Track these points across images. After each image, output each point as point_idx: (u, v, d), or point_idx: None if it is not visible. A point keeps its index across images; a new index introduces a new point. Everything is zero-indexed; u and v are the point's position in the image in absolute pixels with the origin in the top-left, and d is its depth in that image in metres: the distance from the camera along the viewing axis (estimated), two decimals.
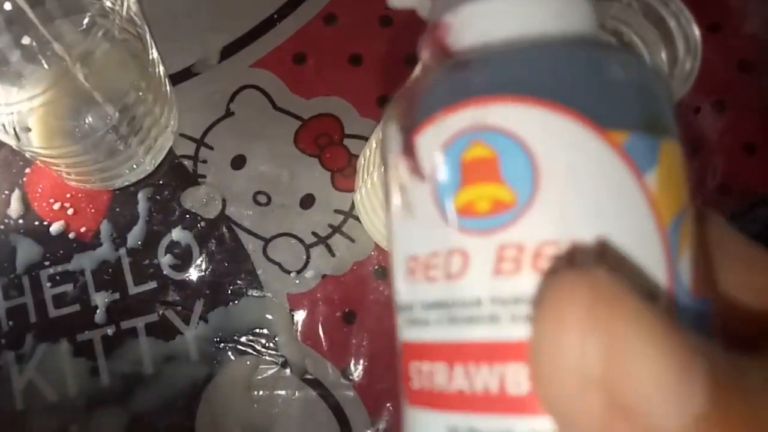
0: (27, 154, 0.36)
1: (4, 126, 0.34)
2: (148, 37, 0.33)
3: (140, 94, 0.33)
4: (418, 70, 0.16)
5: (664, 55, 0.19)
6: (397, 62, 0.44)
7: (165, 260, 0.41)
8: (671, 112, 0.14)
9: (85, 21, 0.36)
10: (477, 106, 0.13)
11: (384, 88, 0.44)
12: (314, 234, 0.42)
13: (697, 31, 0.18)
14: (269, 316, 0.41)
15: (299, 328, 0.41)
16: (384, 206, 0.34)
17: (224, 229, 0.42)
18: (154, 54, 0.34)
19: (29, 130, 0.31)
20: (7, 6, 0.31)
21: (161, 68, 0.37)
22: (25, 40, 0.36)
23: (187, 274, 0.41)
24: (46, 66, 0.36)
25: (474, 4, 0.15)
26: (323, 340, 0.41)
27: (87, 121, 0.34)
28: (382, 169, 0.32)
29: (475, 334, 0.13)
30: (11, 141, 0.33)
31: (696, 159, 0.44)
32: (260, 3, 0.45)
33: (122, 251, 0.41)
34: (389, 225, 0.16)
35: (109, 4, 0.34)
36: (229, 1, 0.45)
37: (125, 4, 0.28)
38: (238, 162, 0.43)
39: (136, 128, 0.36)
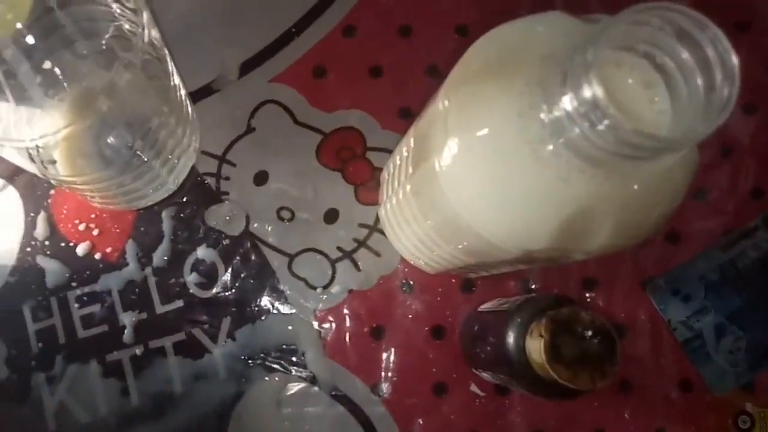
0: (51, 181, 0.36)
1: (30, 154, 0.34)
2: (169, 61, 0.33)
3: (162, 119, 0.33)
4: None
5: (699, 81, 0.19)
6: (418, 72, 0.44)
7: (191, 279, 0.41)
8: None
9: (103, 43, 0.36)
10: None
11: (405, 99, 0.43)
12: (339, 249, 0.42)
13: (735, 60, 0.18)
14: (296, 333, 0.41)
15: (327, 344, 0.40)
16: (411, 221, 0.34)
17: (249, 246, 0.42)
18: (176, 79, 0.34)
19: (53, 162, 0.31)
20: (29, 39, 0.31)
21: (182, 91, 0.36)
22: (47, 65, 0.36)
23: (213, 292, 0.41)
24: (67, 89, 0.36)
25: None
26: (351, 355, 0.40)
27: (110, 146, 0.34)
28: (408, 187, 0.31)
29: None
30: (36, 169, 0.33)
31: (727, 163, 0.43)
32: (278, 17, 0.45)
33: (148, 270, 0.41)
34: None
35: (128, 26, 0.34)
36: (247, 17, 0.45)
37: (146, 31, 0.28)
38: (261, 178, 0.43)
39: (159, 150, 0.36)
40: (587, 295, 0.41)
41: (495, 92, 0.23)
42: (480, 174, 0.23)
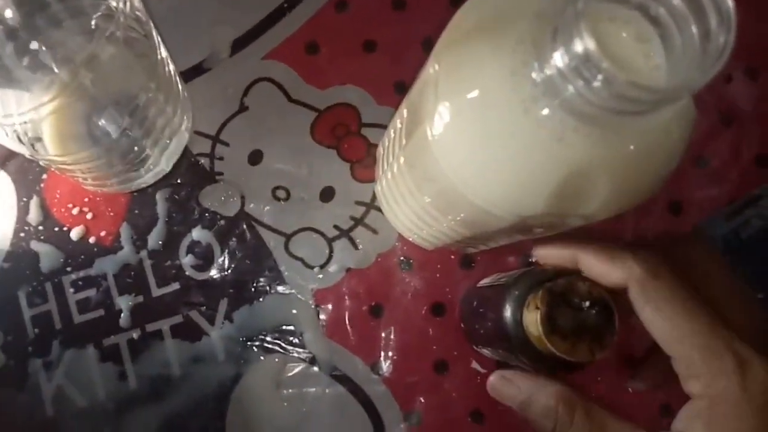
0: (41, 162, 0.36)
1: (18, 135, 0.33)
2: (155, 35, 0.32)
3: (150, 95, 0.32)
4: None
5: (694, 29, 0.18)
6: (412, 46, 0.43)
7: (186, 261, 0.41)
8: None
9: (93, 23, 0.35)
10: None
11: (400, 74, 0.42)
12: (336, 227, 0.41)
13: (730, 3, 0.17)
14: (295, 313, 0.40)
15: (326, 324, 0.40)
16: (407, 195, 0.33)
17: (245, 227, 0.41)
18: (163, 53, 0.33)
19: (39, 139, 0.31)
20: (10, 14, 0.30)
21: (171, 67, 0.36)
22: (34, 45, 0.35)
23: (209, 274, 0.41)
24: (56, 70, 0.35)
25: None
26: (351, 334, 0.40)
27: (100, 125, 0.34)
28: (402, 160, 0.31)
29: None
30: (25, 150, 0.32)
31: (729, 130, 0.42)
32: None
33: (143, 253, 0.41)
34: None
35: (114, 3, 0.33)
36: None
37: (128, 3, 0.27)
38: (255, 157, 0.42)
39: (149, 129, 0.35)
40: None
41: (486, 52, 0.22)
42: (472, 137, 0.22)
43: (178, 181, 0.42)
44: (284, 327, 0.40)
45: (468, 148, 0.23)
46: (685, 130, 0.22)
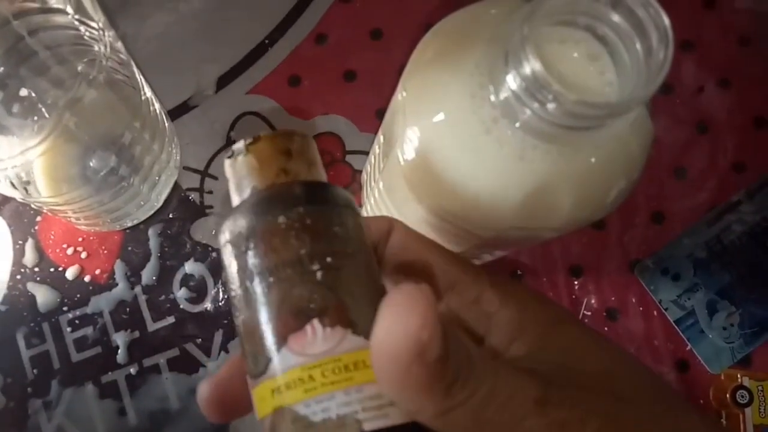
0: (34, 205, 0.37)
1: (10, 180, 0.34)
2: (138, 76, 0.33)
3: (136, 134, 0.33)
4: None
5: (639, 46, 0.19)
6: (391, 74, 0.44)
7: (180, 294, 0.41)
8: None
9: (79, 68, 0.36)
10: None
11: (381, 101, 0.44)
12: None
13: (666, 20, 0.18)
14: None
15: None
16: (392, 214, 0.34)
17: None
18: (147, 93, 0.35)
19: (31, 183, 0.32)
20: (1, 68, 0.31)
21: (156, 105, 0.37)
22: (23, 92, 0.37)
23: (204, 306, 0.41)
24: (46, 116, 0.36)
25: None
26: None
27: (89, 166, 0.35)
28: (381, 185, 0.31)
29: None
30: (18, 194, 0.33)
31: (705, 139, 0.43)
32: (251, 30, 0.45)
33: (138, 289, 0.42)
34: None
35: (97, 48, 0.34)
36: (220, 31, 0.46)
37: (107, 48, 0.28)
38: None
39: (137, 167, 0.36)
40: (575, 281, 0.41)
41: (448, 76, 0.23)
42: (439, 159, 0.23)
43: (170, 216, 0.43)
44: None
45: (436, 169, 0.23)
46: (643, 139, 0.23)
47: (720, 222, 0.41)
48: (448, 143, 0.23)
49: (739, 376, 0.39)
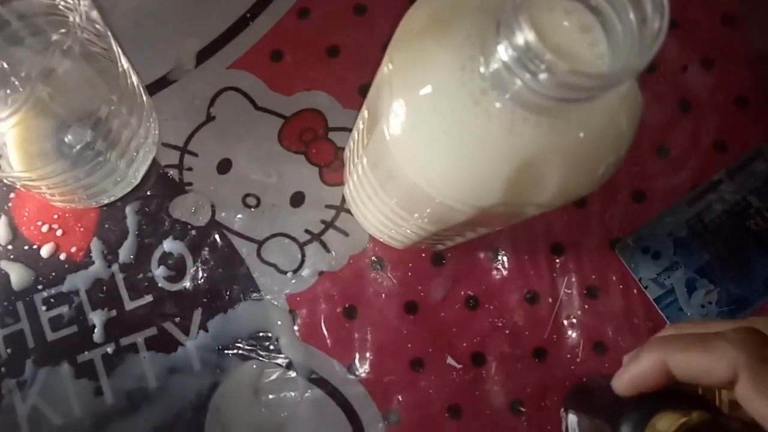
0: (6, 181, 0.36)
1: None
2: (115, 48, 0.32)
3: (113, 107, 0.32)
4: None
5: (632, 16, 0.19)
6: (375, 50, 0.43)
7: (159, 272, 0.41)
8: None
9: (53, 39, 0.35)
10: None
11: (364, 77, 0.43)
12: (307, 231, 0.41)
13: None
14: (269, 319, 0.40)
15: (301, 328, 0.40)
16: (373, 196, 0.34)
17: (216, 236, 0.41)
18: (124, 65, 0.34)
19: (0, 156, 0.31)
20: None
21: (134, 78, 0.36)
22: None
23: (182, 285, 0.41)
24: (20, 88, 0.35)
25: None
26: (326, 337, 0.40)
27: (64, 140, 0.34)
28: (365, 160, 0.31)
29: None
30: None
31: (687, 118, 0.43)
32: (231, 3, 0.44)
33: (115, 267, 0.41)
34: None
35: (71, 19, 0.33)
36: (200, 4, 0.44)
37: (82, 16, 0.27)
38: (224, 166, 0.42)
39: (114, 142, 0.35)
40: (556, 259, 0.41)
41: (436, 48, 0.22)
42: (426, 133, 0.23)
43: (148, 193, 0.42)
44: (260, 333, 0.40)
45: (423, 143, 0.23)
46: (632, 114, 0.23)
47: (701, 201, 0.42)
48: (437, 116, 0.22)
49: None
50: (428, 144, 0.23)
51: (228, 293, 0.41)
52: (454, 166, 0.23)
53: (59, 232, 0.41)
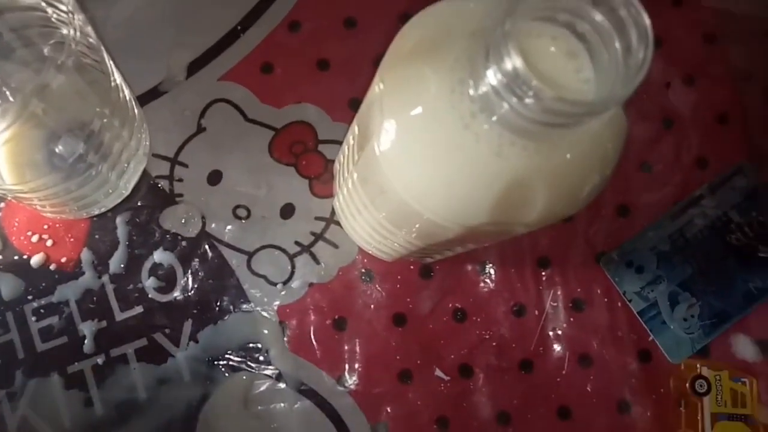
0: None
1: None
2: (107, 61, 0.33)
3: (105, 120, 0.32)
4: None
5: (618, 45, 0.19)
6: (365, 63, 0.44)
7: (149, 283, 0.41)
8: None
9: (45, 51, 0.35)
10: None
11: (354, 91, 0.44)
12: (297, 243, 0.42)
13: (647, 20, 0.18)
14: (259, 330, 0.41)
15: (291, 340, 0.40)
16: (362, 210, 0.34)
17: (206, 247, 0.42)
18: (117, 79, 0.34)
19: None
20: None
21: (126, 92, 0.36)
22: None
23: (172, 296, 0.41)
24: (10, 99, 0.35)
25: None
26: (316, 349, 0.40)
27: (56, 152, 0.34)
28: (356, 176, 0.32)
29: None
30: None
31: (670, 135, 0.44)
32: (223, 16, 0.45)
33: (105, 278, 0.41)
34: None
35: (65, 32, 0.33)
36: (192, 17, 0.45)
37: (77, 32, 0.28)
38: (215, 177, 0.42)
39: (106, 154, 0.35)
40: (542, 272, 0.42)
41: (427, 70, 0.23)
42: (416, 153, 0.23)
43: (138, 204, 0.42)
44: (249, 345, 0.40)
45: (413, 163, 0.24)
46: (617, 138, 0.23)
47: (683, 216, 0.43)
48: (427, 137, 0.23)
49: (698, 366, 0.41)
50: (418, 164, 0.23)
51: (218, 304, 0.41)
52: (443, 186, 0.23)
53: (49, 243, 0.41)
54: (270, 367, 0.40)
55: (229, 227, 0.42)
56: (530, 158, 0.22)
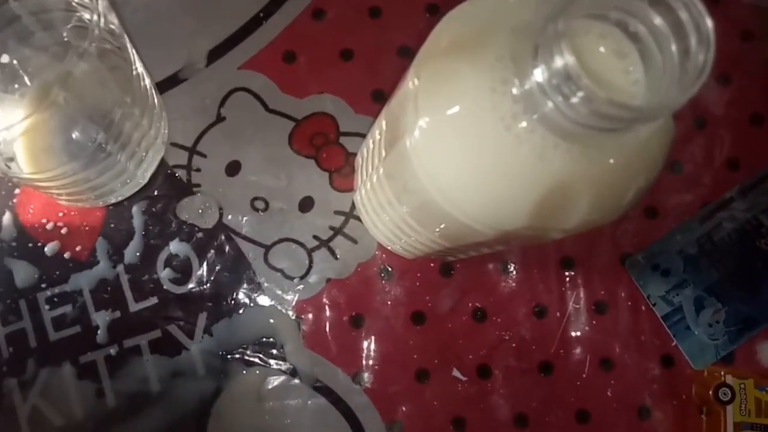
0: (14, 180, 0.35)
1: None
2: (130, 50, 0.32)
3: (126, 109, 0.32)
4: None
5: (674, 48, 0.18)
6: (389, 54, 0.43)
7: (164, 274, 0.40)
8: None
9: (64, 35, 0.35)
10: None
11: (377, 82, 0.42)
12: (315, 237, 0.41)
13: (710, 24, 0.17)
14: (275, 325, 0.40)
15: (306, 335, 0.40)
16: (386, 206, 0.33)
17: (223, 239, 0.41)
18: (139, 68, 0.33)
19: (13, 159, 0.30)
20: None
21: (147, 81, 0.35)
22: (4, 59, 0.35)
23: (188, 287, 0.40)
24: (28, 83, 0.34)
25: None
26: (332, 345, 0.40)
27: (74, 141, 0.33)
28: (382, 171, 0.31)
29: None
30: None
31: (702, 134, 0.43)
32: (245, 2, 0.44)
33: (120, 268, 0.40)
34: None
35: (87, 16, 0.32)
36: (213, 2, 0.44)
37: (101, 19, 0.27)
38: (233, 168, 0.42)
39: (125, 143, 0.34)
40: (566, 273, 0.41)
41: (465, 68, 0.22)
42: (453, 154, 0.22)
43: (155, 193, 0.41)
44: (264, 339, 0.40)
45: (449, 163, 0.23)
46: (665, 144, 0.22)
47: (712, 219, 0.41)
48: (464, 138, 0.22)
49: (722, 373, 0.40)
50: (454, 165, 0.23)
51: (233, 297, 0.40)
52: (480, 188, 0.22)
53: (64, 231, 0.40)
54: (285, 362, 0.39)
55: (246, 219, 0.41)
56: (574, 162, 0.21)
